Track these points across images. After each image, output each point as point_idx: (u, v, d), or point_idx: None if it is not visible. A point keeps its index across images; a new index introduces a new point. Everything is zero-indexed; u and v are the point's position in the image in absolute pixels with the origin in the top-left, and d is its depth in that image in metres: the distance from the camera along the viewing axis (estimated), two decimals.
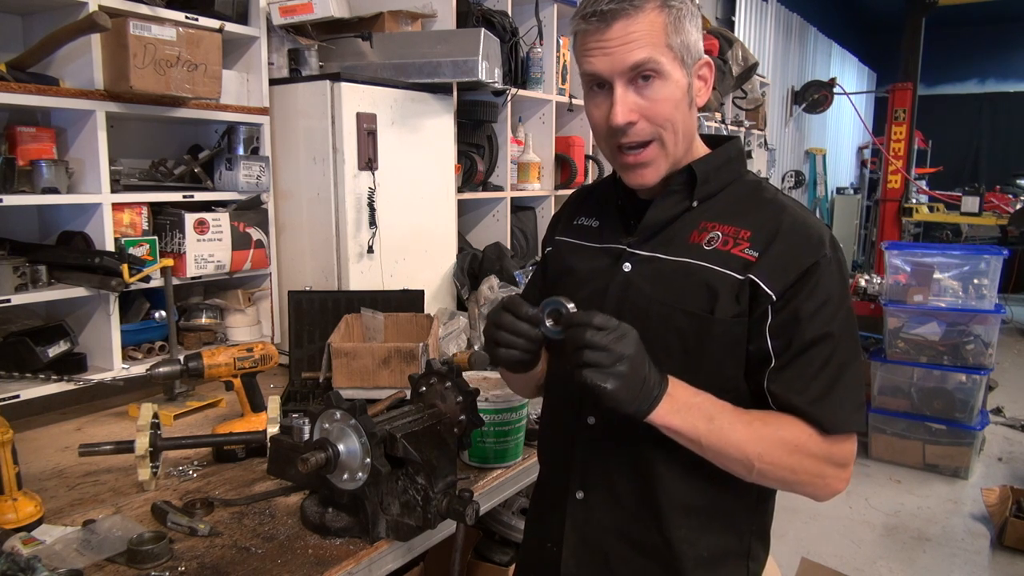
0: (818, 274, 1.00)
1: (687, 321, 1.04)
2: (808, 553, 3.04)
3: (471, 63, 2.36)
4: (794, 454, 1.00)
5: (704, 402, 1.00)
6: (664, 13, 1.00)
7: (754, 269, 1.01)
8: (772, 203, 1.07)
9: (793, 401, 1.00)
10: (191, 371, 1.64)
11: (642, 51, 0.99)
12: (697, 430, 0.99)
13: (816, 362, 1.00)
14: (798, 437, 1.00)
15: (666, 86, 1.01)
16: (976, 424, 4.00)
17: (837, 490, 1.04)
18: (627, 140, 1.04)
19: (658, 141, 1.04)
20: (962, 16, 9.47)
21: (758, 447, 0.99)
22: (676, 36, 1.01)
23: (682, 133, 1.05)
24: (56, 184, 1.84)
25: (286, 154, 2.35)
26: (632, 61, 0.99)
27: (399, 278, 2.44)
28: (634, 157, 1.05)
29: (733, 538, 1.12)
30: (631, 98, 1.02)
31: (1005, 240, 8.27)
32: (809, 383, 1.00)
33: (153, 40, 1.83)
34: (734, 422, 0.99)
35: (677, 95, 1.02)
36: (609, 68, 1.01)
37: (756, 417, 1.01)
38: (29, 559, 1.09)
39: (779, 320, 1.00)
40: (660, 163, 1.06)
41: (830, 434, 1.00)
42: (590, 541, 1.15)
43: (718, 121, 5.11)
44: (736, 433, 0.99)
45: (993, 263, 3.95)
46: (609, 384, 0.93)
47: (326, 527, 1.27)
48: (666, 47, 1.00)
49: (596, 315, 0.95)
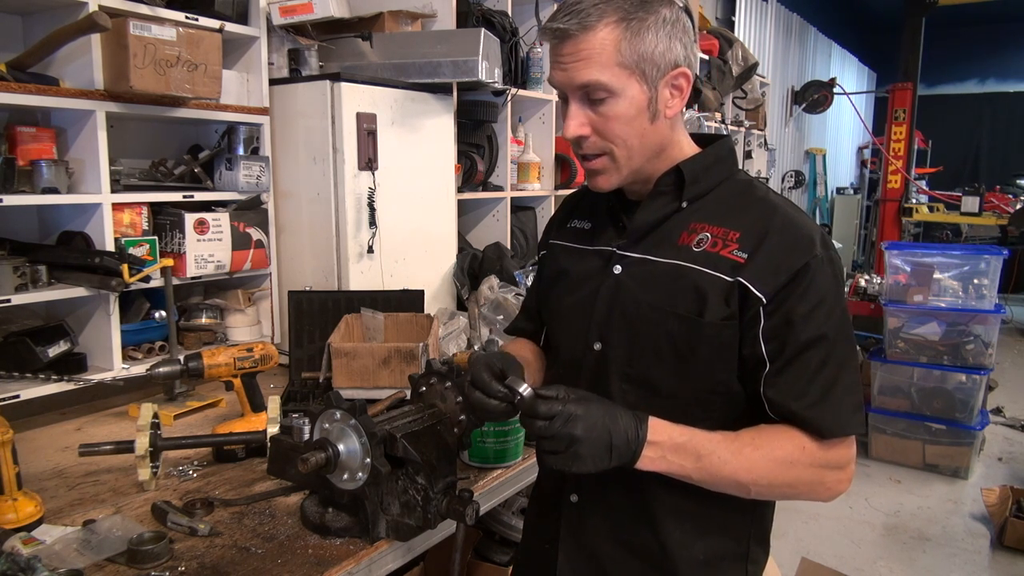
0: (810, 275, 0.99)
1: (677, 324, 1.03)
2: (808, 553, 3.04)
3: (471, 63, 2.36)
4: (790, 470, 0.99)
5: (690, 441, 0.98)
6: (619, 29, 0.98)
7: (743, 271, 1.00)
8: (762, 203, 1.06)
9: (791, 407, 1.00)
10: (191, 371, 1.64)
11: (588, 72, 0.99)
12: (685, 470, 0.99)
13: (811, 366, 0.99)
14: (791, 453, 0.99)
15: (618, 104, 1.01)
16: (976, 424, 4.00)
17: (839, 492, 1.03)
18: (580, 151, 1.07)
19: (609, 155, 1.05)
20: (962, 16, 9.47)
21: (751, 474, 0.99)
22: (632, 52, 0.98)
23: (639, 147, 1.05)
24: (56, 184, 1.84)
25: (286, 154, 2.35)
26: (579, 81, 1.00)
27: (399, 278, 2.44)
28: (588, 164, 1.08)
29: (730, 542, 1.12)
30: (585, 112, 1.03)
31: (1005, 240, 8.27)
32: (806, 387, 0.99)
33: (153, 40, 1.83)
34: (724, 455, 0.98)
35: (631, 112, 1.02)
36: (563, 83, 1.03)
37: (746, 443, 0.99)
38: (29, 559, 1.09)
39: (771, 324, 0.99)
40: (612, 174, 1.07)
41: (828, 439, 0.99)
42: (584, 544, 1.15)
43: (718, 121, 5.11)
44: (726, 467, 0.98)
45: (993, 263, 3.95)
46: (572, 467, 0.95)
47: (326, 527, 1.27)
48: (616, 66, 0.99)
49: (541, 404, 0.96)
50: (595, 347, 1.11)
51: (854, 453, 1.03)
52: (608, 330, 1.09)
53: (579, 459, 0.94)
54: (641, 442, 0.96)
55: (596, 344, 1.11)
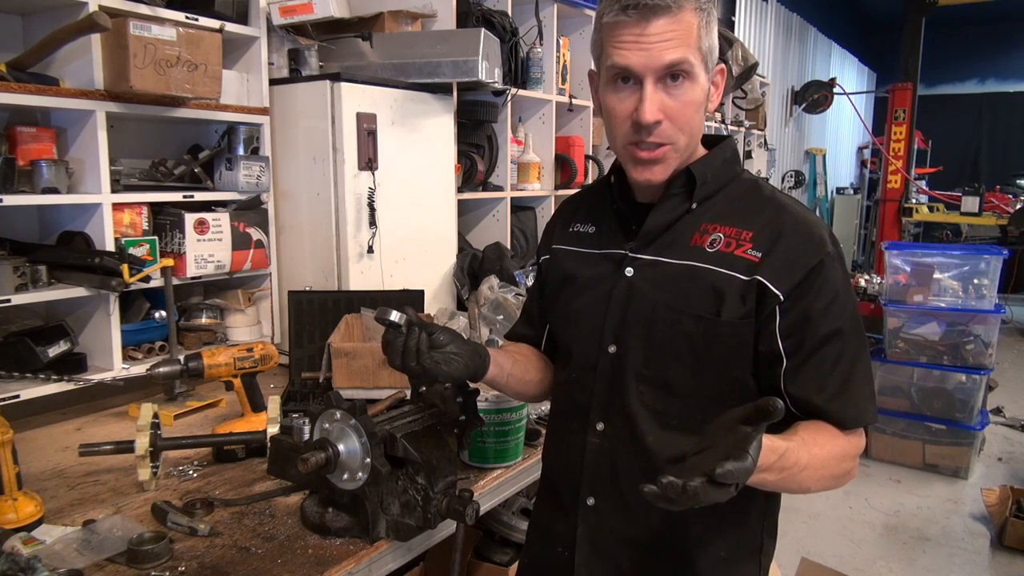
0: (824, 272, 1.01)
1: (694, 324, 1.04)
2: (808, 553, 3.04)
3: (471, 63, 2.36)
4: (840, 465, 1.01)
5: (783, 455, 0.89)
6: (699, 15, 0.99)
7: (759, 270, 1.01)
8: (771, 202, 1.08)
9: (813, 400, 1.01)
10: (191, 371, 1.64)
11: (678, 51, 0.98)
12: (765, 484, 0.93)
13: (829, 359, 1.01)
14: (843, 448, 1.00)
15: (693, 88, 1.01)
16: (976, 424, 4.00)
17: (853, 477, 1.06)
18: (651, 139, 1.03)
19: (674, 144, 1.04)
20: (962, 16, 9.46)
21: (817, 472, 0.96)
22: (706, 39, 1.01)
23: (696, 137, 1.06)
24: (56, 184, 1.84)
25: (286, 154, 2.35)
26: (669, 60, 0.98)
27: (399, 278, 2.44)
28: (649, 153, 1.04)
29: (746, 536, 1.13)
30: (659, 97, 1.00)
31: (1005, 240, 8.26)
32: (825, 381, 1.01)
33: (153, 40, 1.83)
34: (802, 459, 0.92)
35: (700, 98, 1.03)
36: (643, 64, 0.99)
37: (811, 443, 0.95)
38: (29, 559, 1.09)
39: (788, 320, 1.01)
40: (671, 163, 1.06)
41: (849, 429, 1.02)
42: (603, 548, 1.15)
43: (718, 121, 5.12)
44: (805, 471, 0.93)
45: (993, 263, 3.95)
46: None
47: (326, 527, 1.27)
48: (697, 49, 1.00)
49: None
50: (610, 350, 1.11)
51: (864, 441, 1.06)
52: (623, 332, 1.09)
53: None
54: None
55: (611, 347, 1.11)
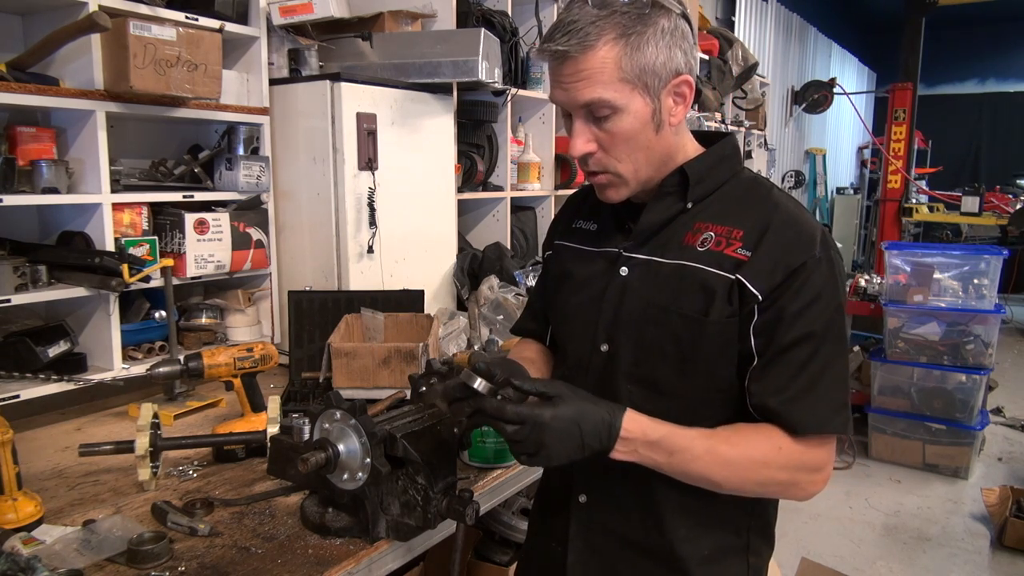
0: (805, 274, 0.99)
1: (682, 324, 1.03)
2: (808, 553, 3.04)
3: (471, 63, 2.35)
4: (762, 471, 1.00)
5: (664, 438, 0.99)
6: (619, 46, 0.97)
7: (743, 269, 1.00)
8: (765, 201, 1.07)
9: (767, 402, 1.00)
10: (191, 371, 1.64)
11: (591, 91, 0.99)
12: (657, 464, 1.00)
13: (795, 363, 0.99)
14: (766, 454, 0.99)
15: (623, 119, 1.01)
16: (976, 424, 4.00)
17: (812, 493, 1.04)
18: (586, 168, 1.08)
19: (613, 173, 1.06)
20: (962, 16, 9.46)
21: (722, 472, 1.00)
22: (634, 66, 0.98)
23: (645, 160, 1.05)
24: (56, 184, 1.84)
25: (286, 154, 2.35)
26: (583, 100, 1.00)
27: (399, 278, 2.44)
28: (594, 179, 1.09)
29: (731, 535, 1.13)
30: (590, 129, 1.03)
31: (1005, 240, 8.26)
32: (787, 383, 0.99)
33: (153, 40, 1.83)
34: (697, 452, 0.99)
35: (636, 126, 1.02)
36: (565, 102, 1.03)
37: (722, 440, 1.00)
38: (29, 559, 1.09)
39: (762, 320, 1.00)
40: (619, 188, 1.08)
41: (802, 436, 0.99)
42: (594, 544, 1.16)
43: (718, 121, 5.12)
44: (697, 463, 0.99)
45: (993, 263, 3.95)
46: (541, 463, 0.99)
47: (326, 527, 1.27)
48: (619, 82, 0.98)
49: (506, 410, 0.96)
50: (602, 348, 1.11)
51: (832, 455, 1.03)
52: (615, 331, 1.10)
53: (550, 460, 0.96)
54: (614, 439, 0.97)
55: (603, 345, 1.11)
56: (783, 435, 0.99)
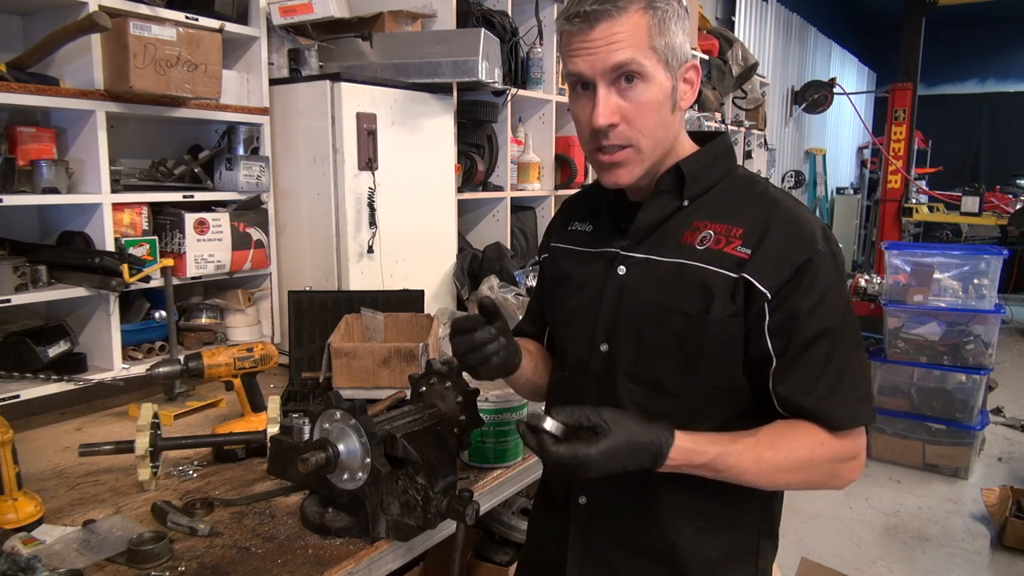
0: (812, 270, 0.99)
1: (683, 322, 1.03)
2: (808, 553, 3.04)
3: (471, 63, 2.35)
4: (807, 469, 1.00)
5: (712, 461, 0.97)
6: (648, 14, 0.99)
7: (747, 267, 1.00)
8: (763, 198, 1.07)
9: (801, 402, 1.01)
10: (191, 371, 1.64)
11: (624, 52, 0.98)
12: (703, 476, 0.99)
13: (819, 359, 1.00)
14: (812, 451, 1.00)
15: (649, 88, 1.01)
16: (976, 424, 4.00)
17: (851, 480, 1.05)
18: (607, 142, 1.04)
19: (634, 147, 1.04)
20: (962, 16, 9.46)
21: (771, 477, 1.00)
22: (660, 38, 1.00)
23: (660, 138, 1.05)
24: (56, 184, 1.83)
25: (286, 154, 2.35)
26: (614, 61, 0.99)
27: (399, 278, 2.44)
28: (609, 157, 1.05)
29: (741, 537, 1.12)
30: (613, 100, 1.01)
31: (1005, 240, 8.26)
32: (815, 382, 1.00)
33: (153, 40, 1.83)
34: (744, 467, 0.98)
35: (660, 98, 1.02)
36: (591, 68, 1.01)
37: (767, 446, 0.99)
38: (29, 559, 1.09)
39: (776, 319, 1.00)
40: (634, 166, 1.05)
41: (839, 431, 1.01)
42: (594, 546, 1.15)
43: (718, 121, 5.11)
44: (745, 476, 0.99)
45: (993, 263, 3.95)
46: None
47: (326, 527, 1.27)
48: (649, 49, 0.99)
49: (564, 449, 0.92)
50: (602, 348, 1.11)
51: (864, 441, 1.04)
52: (614, 331, 1.09)
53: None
54: (658, 466, 0.96)
55: (603, 345, 1.11)
56: (822, 431, 1.00)
